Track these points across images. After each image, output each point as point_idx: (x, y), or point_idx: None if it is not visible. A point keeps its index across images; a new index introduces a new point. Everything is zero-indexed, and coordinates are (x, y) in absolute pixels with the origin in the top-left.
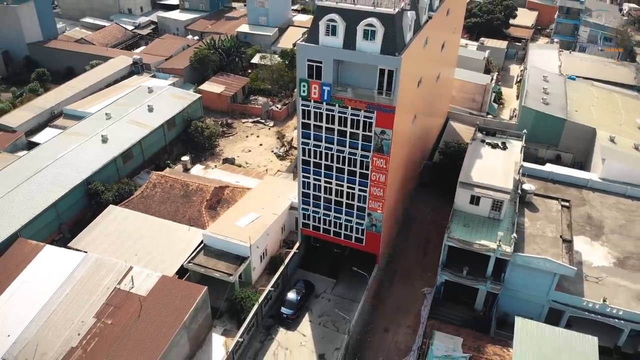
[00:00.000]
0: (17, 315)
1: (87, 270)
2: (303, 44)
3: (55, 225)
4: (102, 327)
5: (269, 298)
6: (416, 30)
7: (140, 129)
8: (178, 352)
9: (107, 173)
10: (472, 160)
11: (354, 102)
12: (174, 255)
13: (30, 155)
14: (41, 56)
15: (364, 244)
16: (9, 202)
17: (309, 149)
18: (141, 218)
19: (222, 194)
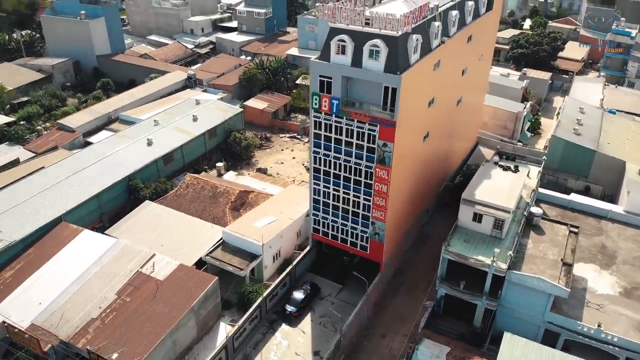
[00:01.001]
0: (50, 287)
1: (115, 254)
2: (316, 61)
3: (97, 215)
4: (120, 303)
5: (275, 294)
6: (425, 53)
7: (183, 136)
8: (185, 333)
9: (148, 172)
10: (480, 180)
11: (359, 115)
12: (195, 248)
13: (84, 152)
14: (107, 67)
15: (368, 252)
16: (58, 190)
17: (319, 158)
18: (172, 214)
19: (246, 197)
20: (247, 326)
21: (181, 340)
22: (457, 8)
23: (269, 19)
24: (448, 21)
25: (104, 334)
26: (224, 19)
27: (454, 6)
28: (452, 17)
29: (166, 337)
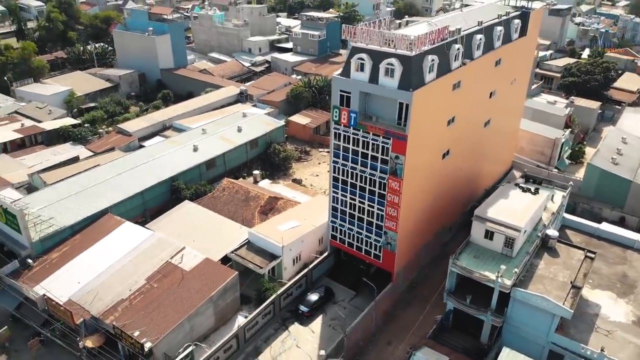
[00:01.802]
0: (89, 269)
1: (149, 245)
2: (337, 76)
3: (141, 210)
4: (148, 288)
5: (290, 294)
6: (443, 73)
7: (226, 145)
8: (203, 321)
9: (190, 175)
10: (496, 199)
11: (374, 128)
12: (223, 246)
13: (135, 154)
14: (169, 80)
15: (381, 261)
16: (108, 185)
17: (338, 167)
18: (206, 213)
19: (275, 203)
20: (260, 320)
21: (199, 327)
22: (483, 32)
23: (322, 41)
24: (472, 44)
25: (130, 313)
26: (281, 40)
27: (479, 30)
28: (476, 41)
29: (184, 321)
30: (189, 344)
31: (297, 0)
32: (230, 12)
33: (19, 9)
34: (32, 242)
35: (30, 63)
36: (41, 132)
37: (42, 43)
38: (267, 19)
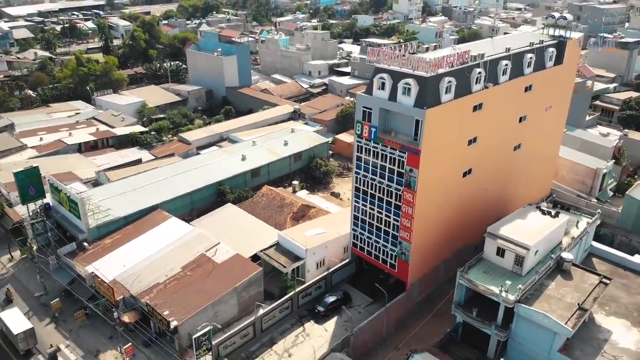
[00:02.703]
0: (134, 255)
1: (189, 238)
2: (361, 94)
3: (188, 209)
4: (182, 275)
5: (308, 294)
6: (462, 94)
7: (272, 156)
8: (227, 309)
9: (236, 181)
10: (513, 219)
11: (391, 142)
12: (254, 245)
13: (190, 159)
14: (233, 97)
15: (396, 270)
16: (162, 185)
17: (360, 178)
18: (244, 215)
19: (307, 211)
20: (278, 314)
21: (222, 314)
22: (511, 59)
23: None
24: (498, 69)
25: (163, 295)
26: (340, 64)
27: (506, 57)
28: (502, 66)
29: (208, 306)
30: (207, 324)
31: (364, 27)
32: (296, 37)
33: (108, 27)
34: (90, 227)
35: (111, 76)
36: (113, 136)
37: (125, 59)
38: (329, 44)
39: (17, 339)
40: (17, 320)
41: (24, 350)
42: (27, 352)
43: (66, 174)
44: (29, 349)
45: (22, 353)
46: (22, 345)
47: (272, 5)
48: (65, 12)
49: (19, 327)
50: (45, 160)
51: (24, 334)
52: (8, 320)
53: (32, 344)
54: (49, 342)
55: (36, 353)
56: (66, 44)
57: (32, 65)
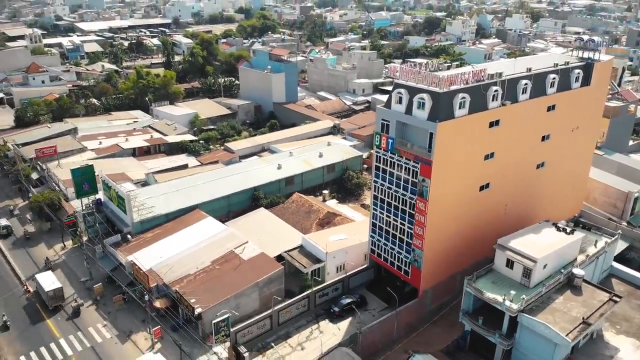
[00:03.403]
0: (171, 248)
1: (221, 236)
2: (381, 107)
3: (225, 210)
4: (211, 269)
5: (325, 294)
6: (477, 110)
7: (306, 166)
8: (249, 302)
9: (271, 188)
10: (526, 233)
11: (406, 153)
12: (280, 246)
13: (231, 166)
14: (279, 112)
15: (409, 277)
16: (202, 188)
17: (378, 187)
18: (274, 219)
19: (333, 218)
20: (295, 310)
21: (244, 306)
22: (532, 78)
23: None
24: (517, 88)
25: (192, 285)
26: (385, 83)
27: (527, 77)
28: (522, 85)
29: (231, 297)
30: (225, 311)
31: (414, 48)
32: (343, 57)
33: (171, 44)
34: (134, 222)
35: (169, 89)
36: (164, 143)
37: (184, 74)
38: (375, 63)
39: (47, 296)
40: (49, 281)
41: (53, 307)
42: (55, 308)
43: (119, 174)
44: (57, 306)
45: (51, 309)
46: (51, 302)
47: (327, 27)
48: (135, 29)
49: (50, 286)
50: (102, 162)
51: (53, 292)
52: (42, 281)
53: (60, 301)
54: (89, 322)
55: (62, 309)
56: (132, 58)
57: (98, 76)
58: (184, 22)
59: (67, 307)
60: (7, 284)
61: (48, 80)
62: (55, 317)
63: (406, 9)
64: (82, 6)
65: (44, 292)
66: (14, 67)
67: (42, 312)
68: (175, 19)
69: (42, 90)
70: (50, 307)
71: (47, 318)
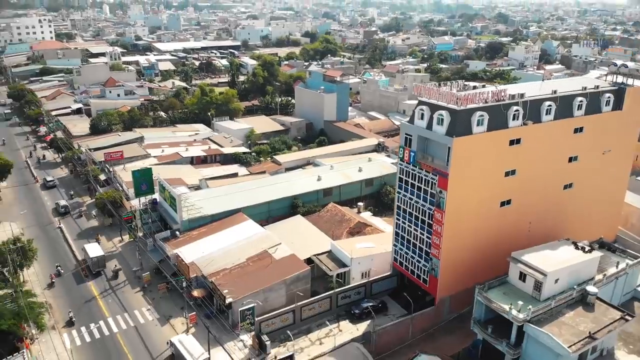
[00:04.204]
0: (213, 245)
1: (258, 237)
2: (404, 122)
3: (265, 215)
4: (245, 265)
5: (347, 296)
6: (496, 128)
7: (344, 179)
8: (276, 297)
9: (309, 198)
10: (542, 249)
11: (426, 166)
12: (310, 250)
13: (276, 176)
14: (329, 130)
15: (427, 285)
16: (247, 193)
17: (401, 197)
18: (309, 226)
19: (363, 228)
20: (317, 308)
21: (272, 300)
22: (557, 100)
23: None
24: (541, 108)
25: (227, 278)
26: None
27: (551, 98)
28: (545, 106)
29: (260, 291)
30: (251, 301)
31: (472, 72)
32: (396, 79)
33: (238, 65)
34: (182, 220)
35: (230, 105)
36: (220, 154)
37: (246, 92)
38: None
39: (92, 262)
40: (95, 250)
41: (95, 271)
42: (97, 273)
43: (176, 179)
44: (99, 271)
45: (94, 273)
46: (94, 267)
47: (389, 50)
48: (206, 50)
49: (94, 254)
50: (162, 168)
51: (97, 258)
52: (89, 250)
53: (101, 266)
54: (136, 306)
55: (103, 274)
56: (201, 77)
57: (168, 92)
58: (252, 45)
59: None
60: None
61: (123, 94)
62: (97, 280)
63: (472, 34)
64: (161, 27)
65: (89, 259)
66: (94, 81)
67: (86, 275)
68: (245, 41)
69: (117, 102)
70: (93, 271)
71: (90, 280)
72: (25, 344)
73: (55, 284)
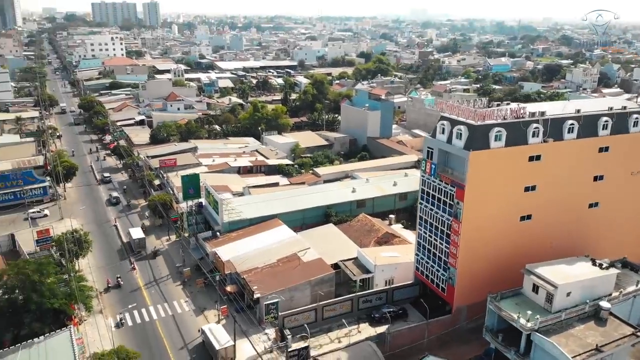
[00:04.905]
0: (248, 246)
1: (290, 241)
2: (427, 136)
3: (300, 222)
4: (275, 265)
5: (369, 300)
6: (515, 144)
7: (378, 192)
8: (301, 297)
9: (342, 208)
10: (558, 263)
11: (445, 177)
12: (338, 256)
13: (313, 187)
14: (372, 146)
15: (445, 294)
16: (284, 201)
17: (422, 208)
18: (339, 234)
19: (391, 239)
20: (339, 309)
21: (297, 299)
22: (582, 120)
23: None
24: (563, 127)
25: (257, 276)
26: None
27: (574, 117)
28: (567, 125)
29: (286, 289)
30: (275, 295)
31: (525, 94)
32: (443, 98)
33: (293, 83)
34: (223, 222)
35: (279, 121)
36: (265, 165)
37: (296, 109)
38: None
39: (134, 243)
40: (137, 233)
41: (137, 251)
42: (138, 252)
43: (222, 186)
44: (139, 250)
45: (136, 252)
46: (136, 247)
47: (443, 71)
48: (264, 69)
49: (136, 236)
50: (211, 175)
51: (139, 240)
52: (132, 233)
53: (142, 247)
54: (175, 297)
55: (144, 253)
56: (257, 94)
57: (224, 108)
58: (308, 65)
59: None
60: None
61: (182, 108)
62: (137, 258)
63: (533, 56)
64: (224, 47)
65: (132, 240)
66: (157, 95)
67: (128, 253)
68: (301, 61)
69: (176, 115)
70: (135, 251)
71: (131, 257)
72: (74, 322)
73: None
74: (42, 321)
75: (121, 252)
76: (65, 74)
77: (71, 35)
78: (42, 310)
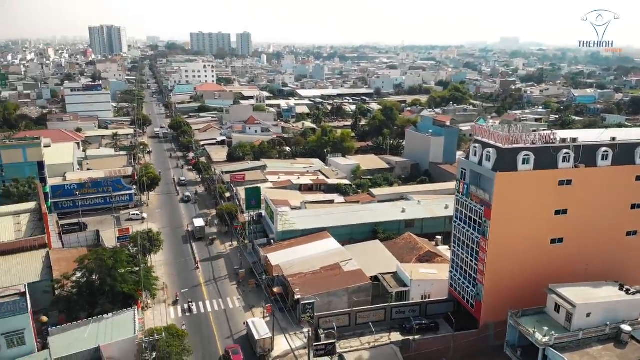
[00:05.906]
0: (297, 254)
1: (334, 252)
2: (461, 158)
3: (348, 237)
4: (318, 272)
5: (402, 312)
6: (544, 168)
7: (428, 214)
8: (339, 302)
9: (390, 226)
10: (584, 285)
11: (475, 197)
12: (378, 269)
13: (365, 205)
14: (433, 171)
15: (473, 309)
16: (335, 217)
17: (456, 227)
18: (382, 249)
19: (433, 257)
20: (372, 317)
21: (335, 304)
22: (615, 148)
23: None
24: (597, 154)
25: (301, 280)
26: None
27: (609, 145)
28: (601, 152)
29: (325, 294)
30: (311, 296)
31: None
32: None
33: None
34: (277, 231)
35: (345, 144)
36: (325, 184)
37: (364, 134)
38: None
39: (196, 230)
40: (199, 222)
41: (198, 237)
42: (199, 239)
43: (283, 200)
44: (200, 237)
45: (197, 238)
46: (197, 234)
47: (524, 100)
48: (341, 96)
49: (198, 224)
50: (274, 191)
51: (200, 228)
52: (195, 222)
53: (202, 234)
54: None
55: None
56: (331, 120)
57: (297, 131)
58: (385, 93)
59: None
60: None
61: (260, 131)
62: (198, 243)
63: (625, 88)
64: (307, 76)
65: (194, 228)
66: (239, 119)
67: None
68: (377, 89)
69: (253, 137)
70: (196, 237)
71: (192, 242)
72: (139, 304)
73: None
74: (113, 303)
75: (185, 238)
76: (161, 97)
77: (170, 62)
78: (114, 292)
